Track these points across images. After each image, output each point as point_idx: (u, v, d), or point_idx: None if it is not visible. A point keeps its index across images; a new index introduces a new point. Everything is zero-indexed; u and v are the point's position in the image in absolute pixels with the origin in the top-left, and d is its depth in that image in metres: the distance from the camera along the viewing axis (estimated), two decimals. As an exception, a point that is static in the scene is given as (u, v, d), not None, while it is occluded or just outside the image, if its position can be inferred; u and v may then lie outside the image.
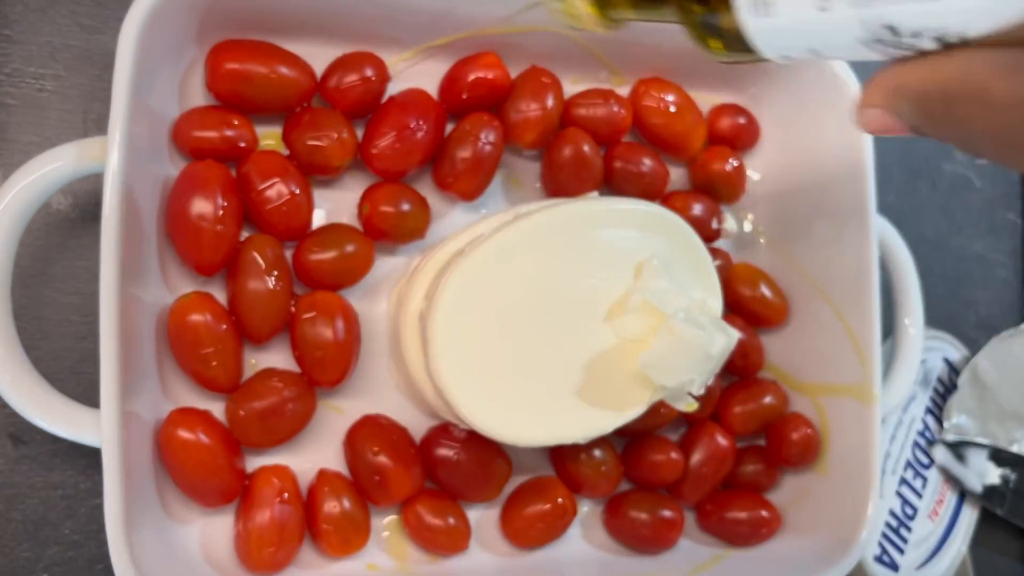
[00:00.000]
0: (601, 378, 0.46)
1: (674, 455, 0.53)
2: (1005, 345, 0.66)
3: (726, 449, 0.54)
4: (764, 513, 0.54)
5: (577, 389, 0.45)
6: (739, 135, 0.58)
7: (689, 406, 0.48)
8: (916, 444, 0.65)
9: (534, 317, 0.45)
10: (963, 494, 0.66)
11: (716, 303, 0.49)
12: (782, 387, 0.57)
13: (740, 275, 0.57)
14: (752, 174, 0.60)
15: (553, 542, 0.52)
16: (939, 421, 0.66)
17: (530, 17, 0.49)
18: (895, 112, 0.23)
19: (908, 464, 0.64)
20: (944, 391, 0.67)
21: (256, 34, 0.47)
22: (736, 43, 0.25)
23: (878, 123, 0.24)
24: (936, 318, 0.69)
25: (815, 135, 0.57)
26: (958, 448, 0.65)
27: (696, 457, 0.54)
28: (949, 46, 0.21)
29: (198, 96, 0.48)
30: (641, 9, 0.29)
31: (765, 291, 0.57)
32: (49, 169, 0.40)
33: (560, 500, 0.50)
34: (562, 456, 0.52)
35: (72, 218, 0.48)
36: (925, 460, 0.65)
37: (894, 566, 0.61)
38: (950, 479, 0.65)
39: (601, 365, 0.46)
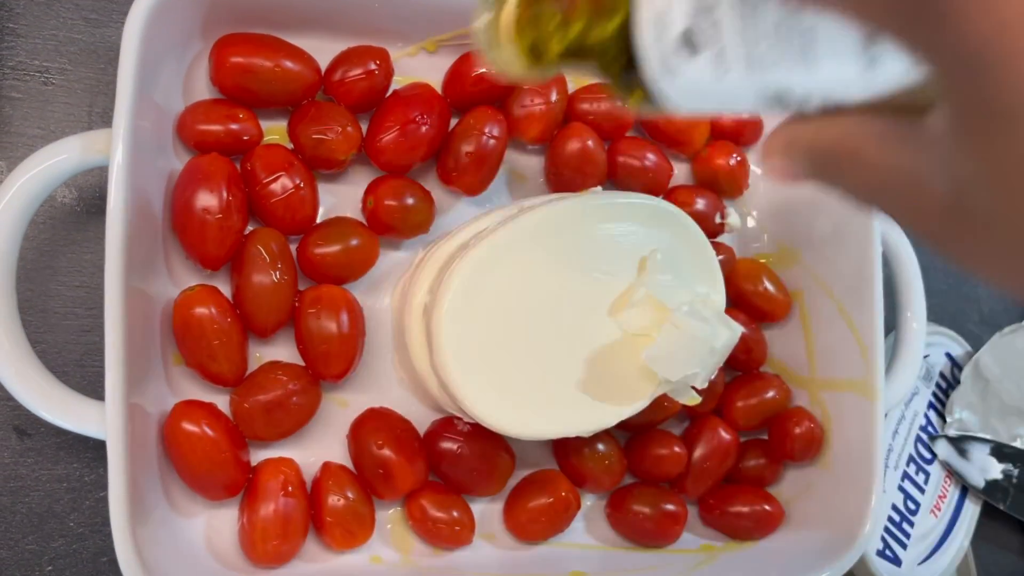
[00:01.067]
0: (605, 372, 0.46)
1: (677, 449, 0.53)
2: (1007, 341, 0.66)
3: (729, 443, 0.54)
4: (767, 507, 0.54)
5: (581, 383, 0.45)
6: (742, 130, 0.58)
7: (692, 400, 0.48)
8: (918, 439, 0.65)
9: (538, 311, 0.45)
10: (965, 489, 0.66)
11: (719, 298, 0.49)
12: (785, 382, 0.57)
13: (743, 270, 0.57)
14: (755, 169, 0.60)
15: (556, 536, 0.52)
16: (941, 416, 0.66)
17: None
18: (791, 163, 0.26)
19: (910, 459, 0.64)
20: (946, 386, 0.67)
21: (261, 28, 0.47)
22: (651, 98, 0.28)
23: (778, 172, 0.26)
24: (938, 313, 0.69)
25: (818, 130, 0.56)
26: (960, 443, 0.65)
27: (699, 451, 0.54)
28: (835, 110, 0.24)
29: (203, 90, 0.48)
30: (567, 66, 0.31)
31: (768, 286, 0.57)
32: (54, 162, 0.41)
33: (563, 494, 0.50)
34: (565, 450, 0.52)
35: (77, 211, 0.48)
36: (927, 455, 0.65)
37: (897, 561, 0.61)
38: (952, 474, 0.65)
39: (605, 359, 0.46)
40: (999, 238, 0.20)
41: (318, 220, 0.49)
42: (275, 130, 0.49)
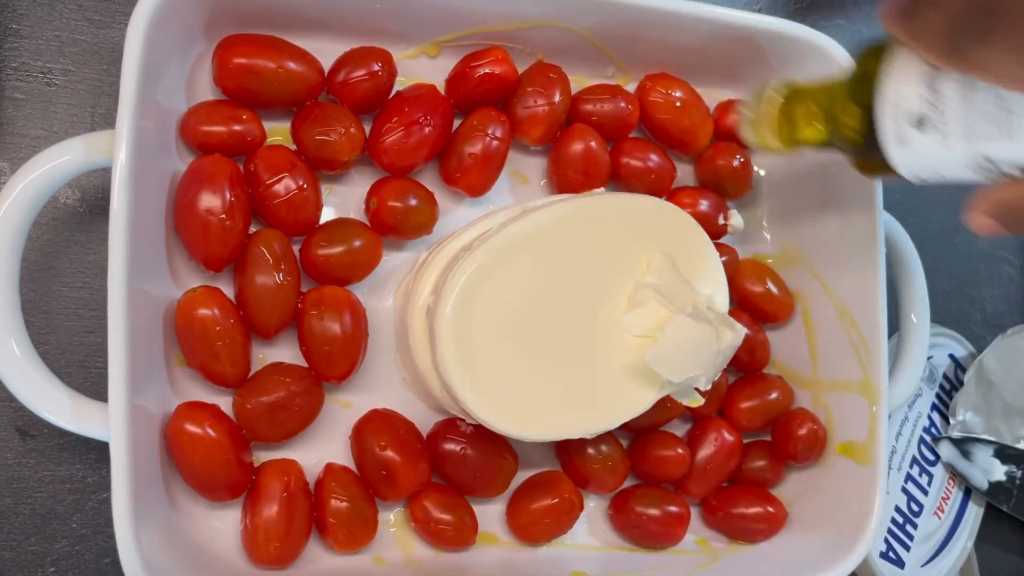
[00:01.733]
0: (607, 373, 0.46)
1: (680, 451, 0.53)
2: (1011, 342, 0.66)
3: (732, 445, 0.54)
4: (770, 509, 0.54)
5: (584, 384, 0.45)
6: (746, 131, 0.57)
7: (695, 401, 0.48)
8: (922, 441, 0.65)
9: (541, 312, 0.45)
10: (969, 491, 0.66)
11: (723, 299, 0.49)
12: (788, 383, 0.57)
13: (746, 271, 0.57)
14: (758, 170, 0.60)
15: (559, 537, 0.52)
16: (945, 418, 0.66)
17: (537, 12, 0.49)
18: (995, 218, 0.33)
19: (914, 461, 0.64)
20: (950, 388, 0.67)
21: (264, 29, 0.47)
22: (884, 168, 0.37)
23: (984, 225, 0.34)
24: (942, 315, 0.69)
25: (822, 131, 0.56)
26: (964, 445, 0.64)
27: (702, 453, 0.54)
28: None
29: (206, 91, 0.48)
30: (819, 146, 0.42)
31: (771, 287, 0.57)
32: (57, 163, 0.40)
33: (566, 495, 0.50)
34: (568, 451, 0.52)
35: (80, 212, 0.48)
36: (931, 457, 0.65)
37: (900, 563, 0.61)
38: (956, 476, 0.65)
39: (607, 360, 0.46)
40: None
41: (321, 221, 0.49)
42: (278, 131, 0.49)
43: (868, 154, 0.38)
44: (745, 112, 0.44)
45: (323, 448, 0.48)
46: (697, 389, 0.47)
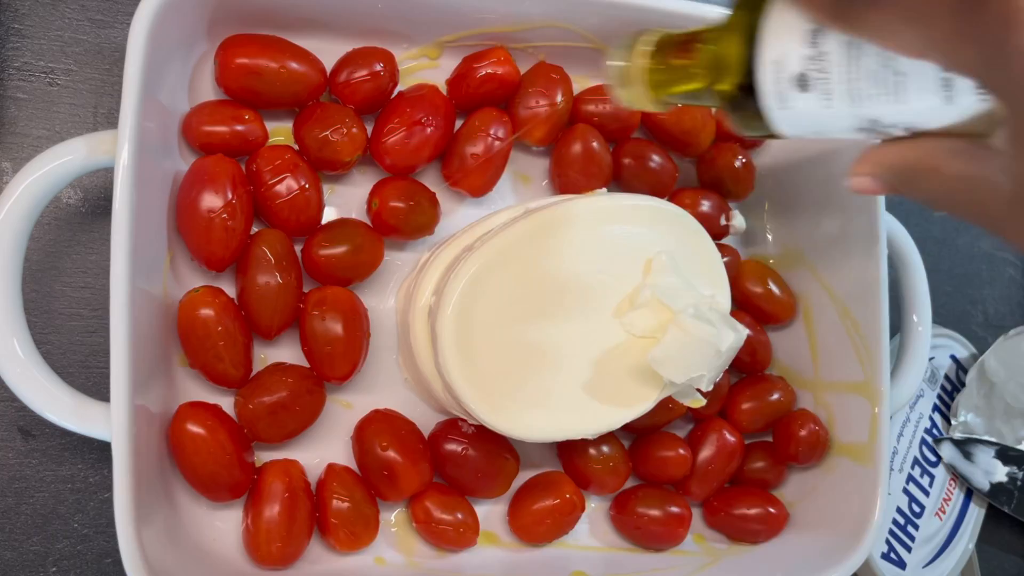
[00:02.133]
0: (609, 374, 0.46)
1: (682, 451, 0.53)
2: (1012, 343, 0.66)
3: (734, 445, 0.54)
4: (771, 509, 0.54)
5: (585, 385, 0.45)
6: (748, 132, 0.57)
7: (696, 402, 0.48)
8: (923, 442, 0.65)
9: (543, 313, 0.45)
10: (970, 492, 0.66)
11: (725, 300, 0.49)
12: (789, 384, 0.57)
13: (748, 272, 0.57)
14: (761, 171, 0.60)
15: (560, 537, 0.52)
16: (947, 419, 0.66)
17: (539, 13, 0.49)
18: (878, 179, 0.32)
19: (915, 462, 0.64)
20: (952, 389, 0.67)
21: (266, 29, 0.47)
22: (761, 125, 0.34)
23: (865, 185, 0.33)
24: (944, 316, 0.69)
25: (824, 132, 0.56)
26: (965, 446, 0.64)
27: (704, 453, 0.54)
28: (915, 134, 0.31)
29: (208, 91, 0.48)
30: (687, 97, 0.38)
31: (773, 288, 0.57)
32: (59, 163, 0.40)
33: (568, 496, 0.50)
34: (570, 452, 0.52)
35: (82, 212, 0.48)
36: (932, 458, 0.65)
37: (901, 564, 0.61)
38: (957, 476, 0.65)
39: (610, 361, 0.46)
40: None
41: (323, 221, 0.49)
42: (280, 131, 0.49)
43: (744, 109, 0.35)
44: (613, 66, 0.39)
45: (325, 448, 0.48)
46: (699, 390, 0.47)
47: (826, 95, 0.31)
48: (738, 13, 0.35)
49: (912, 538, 0.62)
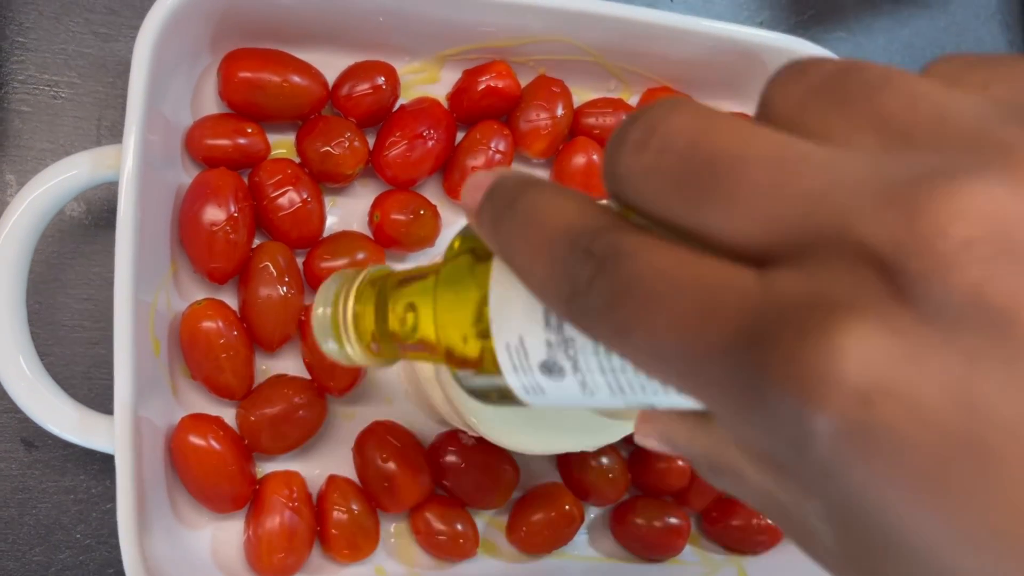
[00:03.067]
0: (609, 387, 0.46)
1: (681, 463, 0.53)
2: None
3: (732, 457, 0.55)
4: (769, 521, 0.55)
5: (585, 397, 0.45)
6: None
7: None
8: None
9: (543, 326, 0.45)
10: None
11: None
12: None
13: (747, 284, 0.57)
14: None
15: (560, 548, 0.52)
16: None
17: (540, 27, 0.50)
18: (662, 442, 0.25)
19: None
20: None
21: (269, 43, 0.48)
22: (506, 398, 0.26)
23: (652, 445, 0.25)
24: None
25: (822, 145, 0.57)
26: None
27: (702, 465, 0.54)
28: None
29: (211, 104, 0.48)
30: (412, 358, 0.30)
31: (772, 300, 0.57)
32: (64, 178, 0.41)
33: (567, 507, 0.51)
34: (569, 463, 0.52)
35: (85, 224, 0.48)
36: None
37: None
38: None
39: (609, 374, 0.46)
40: None
41: (325, 234, 0.49)
42: (283, 144, 0.49)
43: (482, 386, 0.26)
44: (320, 317, 0.31)
45: (326, 460, 0.49)
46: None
47: (581, 384, 0.23)
48: (461, 259, 0.26)
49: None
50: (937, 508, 0.14)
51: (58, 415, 0.40)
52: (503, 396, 0.26)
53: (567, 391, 0.23)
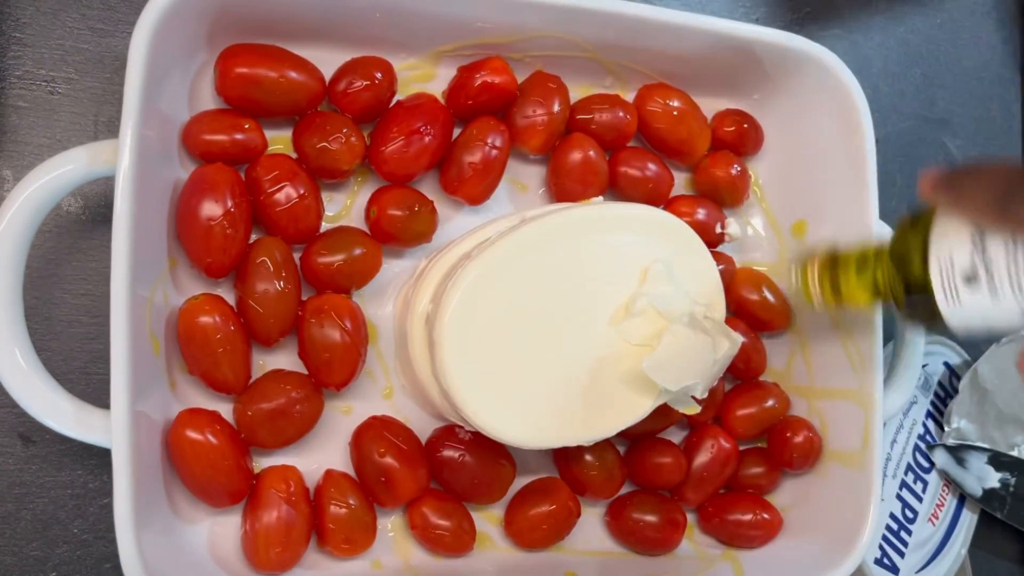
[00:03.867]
0: (605, 381, 0.46)
1: (677, 458, 0.53)
2: (1005, 351, 0.67)
3: (728, 452, 0.55)
4: (765, 515, 0.55)
5: (581, 392, 0.46)
6: (743, 140, 0.58)
7: (691, 409, 0.48)
8: (917, 448, 0.65)
9: (539, 320, 0.45)
10: (963, 497, 0.66)
11: (720, 308, 0.50)
12: (784, 391, 0.57)
13: (743, 279, 0.57)
14: (756, 179, 0.60)
15: (557, 543, 0.52)
16: (940, 425, 0.67)
17: (536, 23, 0.50)
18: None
19: (909, 468, 0.64)
20: (945, 396, 0.68)
21: (266, 39, 0.48)
22: (933, 322, 0.41)
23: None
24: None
25: (818, 141, 0.57)
26: (958, 452, 0.65)
27: (699, 460, 0.54)
28: None
29: (208, 100, 0.48)
30: (864, 303, 0.46)
31: (768, 295, 0.58)
32: (60, 172, 0.41)
33: (564, 502, 0.51)
34: (566, 458, 0.52)
35: (82, 220, 0.48)
36: (926, 464, 0.65)
37: (894, 569, 0.61)
38: (950, 483, 0.66)
39: (605, 368, 0.46)
40: None
41: (322, 229, 0.49)
42: (279, 140, 0.49)
43: (916, 307, 0.41)
44: (794, 277, 0.48)
45: (323, 454, 0.49)
46: (693, 397, 0.48)
47: (992, 290, 0.37)
48: (903, 228, 0.42)
49: (905, 543, 0.63)
50: None
51: (55, 410, 0.40)
52: (931, 315, 0.40)
53: (978, 301, 0.37)
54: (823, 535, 0.54)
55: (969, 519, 0.66)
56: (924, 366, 0.66)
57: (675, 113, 0.55)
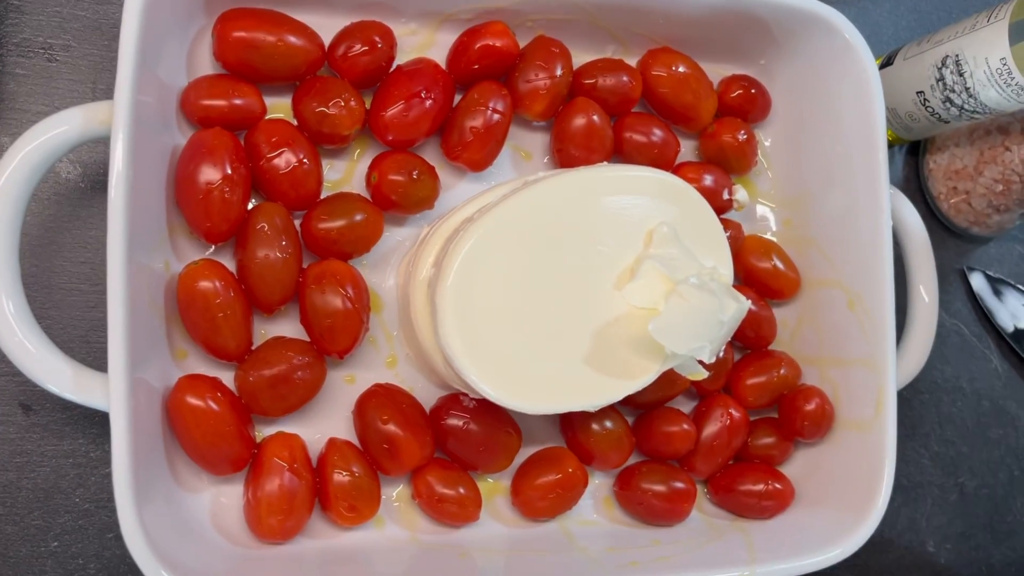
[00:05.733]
0: (611, 345, 0.45)
1: (686, 427, 0.53)
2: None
3: (738, 421, 0.54)
4: (777, 485, 0.54)
5: (587, 356, 0.45)
6: (750, 106, 0.57)
7: (699, 375, 0.47)
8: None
9: (543, 284, 0.44)
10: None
11: (727, 271, 0.49)
12: (794, 359, 0.56)
13: (752, 247, 0.57)
14: (763, 145, 0.59)
15: (564, 513, 0.51)
16: None
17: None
18: None
19: None
20: None
21: (264, 3, 0.47)
22: None
23: None
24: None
25: (827, 106, 0.56)
26: (997, 284, 0.63)
27: (708, 429, 0.54)
28: None
29: (206, 65, 0.48)
30: None
31: (777, 263, 0.57)
32: (55, 133, 0.40)
33: (571, 471, 0.50)
34: (573, 427, 0.51)
35: (81, 188, 0.48)
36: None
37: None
38: (983, 310, 0.65)
39: (611, 332, 0.45)
40: None
41: (322, 195, 0.49)
42: (279, 106, 0.49)
43: None
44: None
45: (326, 423, 0.48)
46: (701, 362, 0.47)
47: None
48: None
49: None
50: None
51: (52, 372, 0.40)
52: None
53: None
54: (836, 505, 0.53)
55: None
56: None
57: (680, 78, 0.55)
